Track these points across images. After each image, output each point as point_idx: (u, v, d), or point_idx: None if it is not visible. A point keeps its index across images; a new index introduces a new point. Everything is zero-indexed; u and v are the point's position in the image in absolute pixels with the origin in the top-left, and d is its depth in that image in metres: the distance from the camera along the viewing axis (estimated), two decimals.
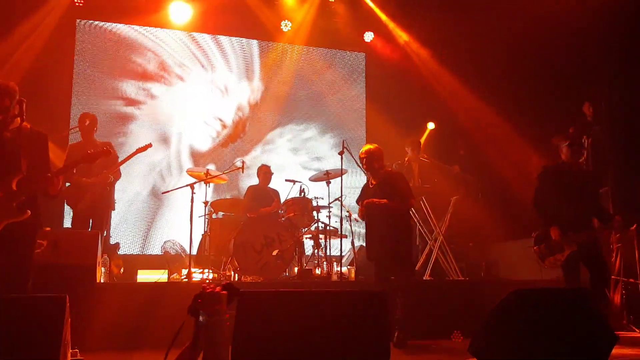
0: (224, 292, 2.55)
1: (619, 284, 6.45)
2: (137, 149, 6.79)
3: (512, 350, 3.39)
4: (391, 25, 10.51)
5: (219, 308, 2.44)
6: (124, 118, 9.62)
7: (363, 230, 9.94)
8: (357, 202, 6.02)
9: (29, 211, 3.97)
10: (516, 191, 8.64)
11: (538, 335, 3.29)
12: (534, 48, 8.47)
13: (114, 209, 7.25)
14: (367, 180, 5.94)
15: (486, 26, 8.91)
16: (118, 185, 7.53)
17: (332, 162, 7.03)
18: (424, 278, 7.18)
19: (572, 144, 5.63)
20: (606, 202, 7.35)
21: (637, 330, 5.87)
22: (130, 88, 9.71)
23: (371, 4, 10.31)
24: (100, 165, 6.35)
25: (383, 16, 10.42)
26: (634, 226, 6.27)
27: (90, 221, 6.88)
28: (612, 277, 6.58)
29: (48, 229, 5.65)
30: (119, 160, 6.92)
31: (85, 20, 9.49)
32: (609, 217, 5.48)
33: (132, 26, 9.77)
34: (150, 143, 6.91)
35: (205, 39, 10.26)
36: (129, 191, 9.16)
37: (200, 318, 2.41)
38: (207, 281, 6.73)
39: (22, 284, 3.94)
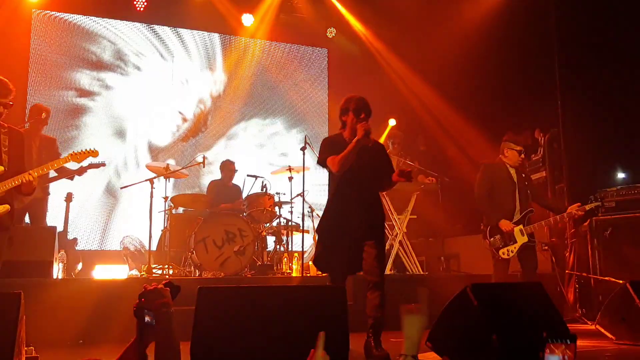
0: (166, 287, 2.54)
1: (573, 278, 6.63)
2: (89, 164, 6.67)
3: (468, 342, 3.47)
4: (353, 20, 10.55)
5: (164, 302, 2.42)
6: (77, 110, 9.39)
7: None
8: (326, 159, 4.48)
9: (7, 205, 4.01)
10: (474, 187, 8.81)
11: (493, 328, 3.36)
12: (492, 45, 8.60)
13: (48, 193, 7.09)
14: (366, 135, 4.39)
15: (445, 23, 9.03)
16: (75, 179, 7.38)
17: (299, 157, 7.03)
18: (385, 273, 7.24)
19: (522, 152, 5.81)
20: (562, 199, 7.56)
21: (589, 322, 6.04)
22: (85, 79, 9.51)
23: (333, 0, 10.34)
24: (40, 161, 6.28)
25: (345, 12, 10.46)
26: (587, 222, 6.45)
27: (27, 215, 6.76)
28: (567, 271, 6.78)
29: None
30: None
31: (41, 11, 9.27)
32: (562, 208, 5.70)
33: (91, 17, 9.57)
34: (104, 162, 6.87)
35: (165, 31, 10.11)
36: (85, 186, 8.97)
37: (146, 318, 2.39)
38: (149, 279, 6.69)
39: None
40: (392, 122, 10.08)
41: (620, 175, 7.35)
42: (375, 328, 4.37)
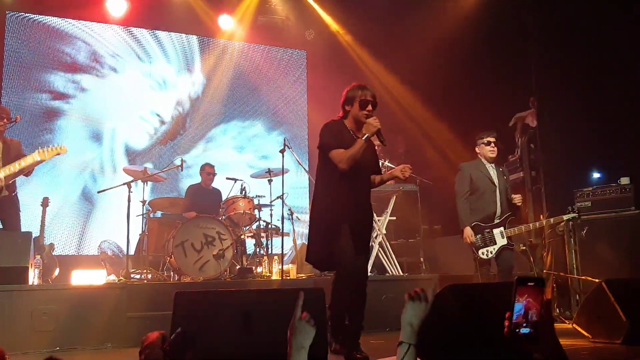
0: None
1: (550, 278, 6.70)
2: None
3: (447, 342, 3.48)
4: (331, 22, 10.57)
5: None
6: (52, 113, 9.25)
7: (306, 231, 10.00)
8: (331, 150, 4.33)
9: None
10: (453, 189, 8.86)
11: (472, 330, 3.38)
12: (468, 46, 8.67)
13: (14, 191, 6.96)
14: (377, 132, 4.28)
15: (422, 24, 9.07)
16: (50, 184, 7.32)
17: (279, 160, 7.01)
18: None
19: (492, 142, 5.84)
20: (539, 200, 7.64)
21: (566, 321, 6.10)
22: (60, 81, 9.36)
23: (311, 2, 10.34)
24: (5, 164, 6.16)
25: (323, 13, 10.47)
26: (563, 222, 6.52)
27: None
28: (544, 271, 6.84)
29: None
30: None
31: (15, 13, 9.14)
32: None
33: (66, 19, 9.45)
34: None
35: (142, 33, 10.02)
36: (60, 190, 8.86)
37: None
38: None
39: None
40: None
41: (596, 175, 7.45)
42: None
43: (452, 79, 9.06)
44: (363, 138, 4.20)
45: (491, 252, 5.59)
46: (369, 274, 7.14)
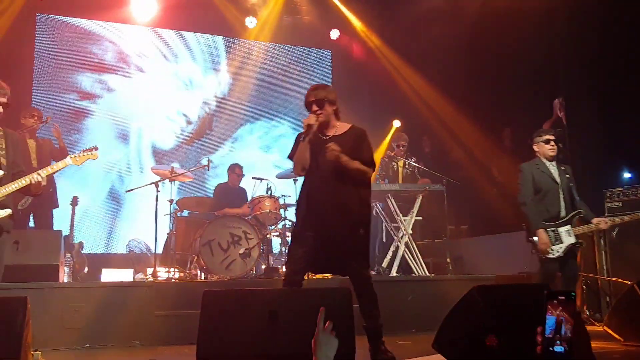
0: None
1: (580, 279, 6.60)
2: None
3: (473, 346, 3.45)
4: (357, 22, 10.55)
5: None
6: (79, 113, 9.37)
7: None
8: (290, 155, 4.30)
9: (9, 210, 4.00)
10: (480, 189, 8.79)
11: (500, 331, 3.34)
12: (497, 45, 8.59)
13: (57, 206, 7.10)
14: (307, 129, 4.08)
15: (451, 24, 9.01)
16: (78, 184, 7.44)
17: None
18: (391, 274, 7.24)
19: (551, 140, 5.55)
20: None
21: (597, 324, 6.01)
22: (87, 81, 9.48)
23: (336, 1, 10.33)
24: (39, 163, 6.33)
25: (349, 13, 10.46)
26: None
27: (31, 216, 6.78)
28: None
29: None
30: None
31: (45, 15, 9.29)
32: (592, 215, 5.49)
33: (94, 21, 9.58)
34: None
35: (168, 33, 10.11)
36: (89, 190, 8.98)
37: None
38: None
39: None
40: (396, 123, 10.07)
41: (627, 175, 7.32)
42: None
43: (479, 78, 8.99)
44: (301, 139, 4.09)
45: (557, 251, 5.28)
46: (394, 274, 7.21)
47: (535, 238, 5.33)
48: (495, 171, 9.07)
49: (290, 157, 4.28)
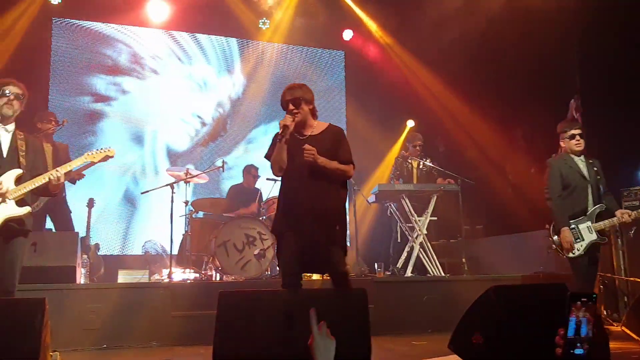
0: None
1: (597, 279, 6.54)
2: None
3: (491, 346, 3.43)
4: (370, 23, 10.54)
5: None
6: (94, 115, 9.43)
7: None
8: (267, 156, 4.33)
9: (29, 207, 4.04)
10: (495, 188, 8.74)
11: (517, 332, 3.33)
12: (511, 45, 8.53)
13: (70, 211, 7.17)
14: (283, 129, 4.06)
15: (464, 23, 8.97)
16: (93, 186, 7.50)
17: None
18: (406, 275, 7.22)
19: (577, 134, 5.34)
20: None
21: (614, 324, 5.96)
22: (101, 83, 9.54)
23: (349, 2, 10.32)
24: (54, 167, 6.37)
25: (361, 14, 10.45)
26: None
27: (47, 218, 6.86)
28: None
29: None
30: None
31: (61, 19, 9.38)
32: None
33: (109, 24, 9.66)
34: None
35: (183, 36, 10.16)
36: (104, 192, 9.04)
37: None
38: None
39: (13, 283, 3.96)
40: (410, 123, 10.06)
41: None
42: None
43: (493, 77, 8.94)
44: (278, 140, 4.08)
45: (578, 250, 5.09)
46: (409, 274, 7.19)
47: (555, 237, 5.19)
48: (510, 171, 9.02)
49: (267, 157, 4.27)
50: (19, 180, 4.01)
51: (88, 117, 9.37)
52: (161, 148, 9.75)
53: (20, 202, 3.99)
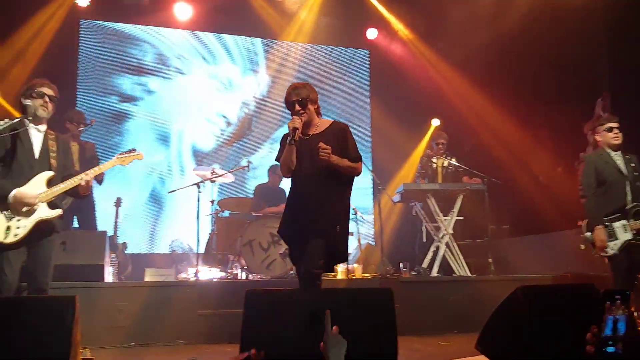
0: None
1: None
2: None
3: (519, 346, 3.40)
4: (394, 21, 10.49)
5: None
6: (120, 115, 9.53)
7: (370, 232, 10.00)
8: (277, 158, 4.34)
9: (60, 210, 4.11)
10: (522, 188, 8.65)
11: (545, 332, 3.29)
12: (539, 42, 8.43)
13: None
14: (292, 132, 4.02)
15: (490, 20, 8.89)
16: (121, 185, 7.59)
17: None
18: (432, 275, 7.18)
19: (613, 127, 5.11)
20: None
21: None
22: (127, 83, 9.64)
23: (374, 1, 10.29)
24: (81, 166, 6.53)
25: (386, 13, 10.41)
26: None
27: (75, 218, 6.96)
28: None
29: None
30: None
31: (88, 21, 9.50)
32: None
33: (135, 25, 9.76)
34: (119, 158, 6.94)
35: (208, 37, 10.23)
36: (131, 191, 9.13)
37: None
38: None
39: (46, 281, 4.05)
40: (435, 122, 9.99)
41: None
42: None
43: (521, 76, 8.84)
44: (288, 142, 4.04)
45: (612, 249, 4.88)
46: (434, 274, 7.15)
47: (588, 234, 4.99)
48: (537, 170, 8.92)
49: (278, 159, 4.28)
50: (49, 183, 4.08)
51: (114, 117, 9.48)
52: (187, 148, 9.82)
53: (51, 204, 4.07)
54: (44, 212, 4.01)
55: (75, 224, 7.06)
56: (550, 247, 7.86)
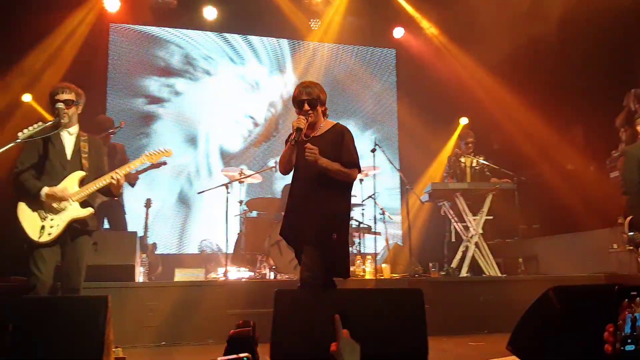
0: None
1: None
2: (151, 165, 6.97)
3: (551, 347, 3.35)
4: (421, 19, 10.43)
5: None
6: (148, 117, 9.61)
7: (398, 232, 9.95)
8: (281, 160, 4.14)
9: (92, 209, 4.18)
10: (552, 187, 8.53)
11: (578, 333, 3.24)
12: (570, 38, 8.30)
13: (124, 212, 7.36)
14: (296, 132, 3.89)
15: (519, 17, 8.77)
16: (149, 187, 7.68)
17: (372, 160, 7.03)
18: (461, 275, 7.13)
19: None
20: None
21: None
22: (155, 85, 9.72)
23: (400, 0, 10.25)
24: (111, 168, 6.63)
25: (412, 11, 10.35)
26: None
27: (105, 219, 7.06)
28: None
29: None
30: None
31: (118, 24, 9.63)
32: None
33: (163, 28, 9.86)
34: (164, 161, 7.13)
35: (235, 38, 10.28)
36: (160, 192, 9.23)
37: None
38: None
39: (79, 281, 4.13)
40: (463, 120, 9.91)
41: None
42: None
43: (548, 72, 8.72)
44: (290, 141, 3.96)
45: None
46: (463, 274, 7.09)
47: (631, 233, 4.80)
48: (568, 169, 8.79)
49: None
50: (82, 182, 4.16)
51: (142, 119, 9.57)
52: (214, 149, 9.88)
53: (83, 204, 4.14)
54: (76, 211, 4.10)
55: (106, 225, 7.17)
56: (581, 247, 7.75)
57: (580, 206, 7.99)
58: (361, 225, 7.76)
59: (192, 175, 9.67)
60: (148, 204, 7.85)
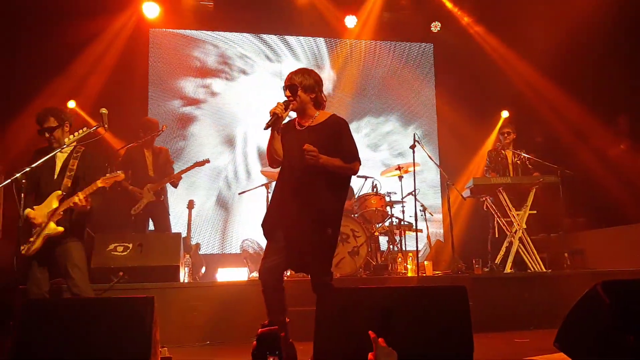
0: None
1: None
2: (195, 163, 7.22)
3: (599, 343, 3.27)
4: (458, 12, 10.30)
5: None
6: (185, 119, 9.68)
7: (439, 230, 9.85)
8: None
9: (61, 228, 4.46)
10: (598, 179, 8.32)
11: (628, 329, 3.16)
12: (613, 26, 8.08)
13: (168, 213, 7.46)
14: (272, 116, 3.95)
15: (560, 7, 8.58)
16: (190, 188, 7.75)
17: (411, 156, 6.98)
18: (505, 271, 7.02)
19: None
20: None
21: None
22: (190, 86, 9.78)
23: None
24: (156, 171, 7.05)
25: (449, 4, 10.23)
26: None
27: (150, 221, 7.23)
28: None
29: None
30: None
31: (157, 29, 9.77)
32: None
33: (201, 30, 9.96)
34: (207, 159, 7.35)
35: (272, 38, 10.32)
36: (201, 193, 9.33)
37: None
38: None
39: (74, 283, 4.50)
40: (504, 113, 9.75)
41: None
42: None
43: (593, 62, 8.50)
44: (265, 128, 3.91)
45: None
46: (508, 270, 6.97)
47: None
48: (614, 160, 8.56)
49: None
50: (61, 201, 4.47)
51: (178, 121, 9.64)
52: (252, 150, 9.91)
53: (59, 221, 4.46)
54: (49, 229, 4.44)
55: (151, 227, 7.30)
56: (630, 240, 7.53)
57: (628, 198, 7.78)
58: (402, 223, 7.71)
59: (230, 176, 9.72)
60: (191, 205, 7.95)
